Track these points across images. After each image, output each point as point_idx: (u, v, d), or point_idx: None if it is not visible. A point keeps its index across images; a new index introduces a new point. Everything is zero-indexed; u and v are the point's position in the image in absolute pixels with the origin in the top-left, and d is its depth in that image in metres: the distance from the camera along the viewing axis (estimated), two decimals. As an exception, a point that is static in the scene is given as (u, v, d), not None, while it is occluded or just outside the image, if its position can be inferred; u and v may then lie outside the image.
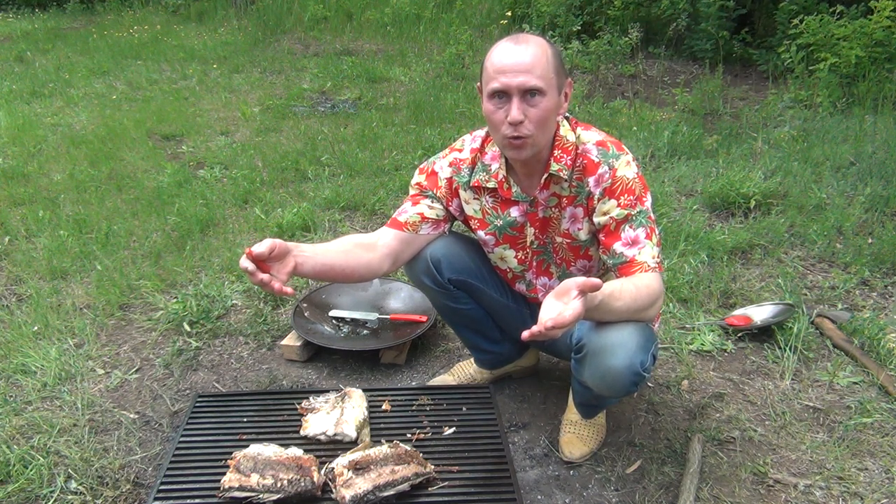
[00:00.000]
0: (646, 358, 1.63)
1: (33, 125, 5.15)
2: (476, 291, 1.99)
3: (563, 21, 7.10)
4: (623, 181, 1.68)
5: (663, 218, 3.39)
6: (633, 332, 1.62)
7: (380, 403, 1.87)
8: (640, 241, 1.67)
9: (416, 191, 1.91)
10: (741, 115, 5.17)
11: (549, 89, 1.60)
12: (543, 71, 1.58)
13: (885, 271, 3.01)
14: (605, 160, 1.69)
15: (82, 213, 3.59)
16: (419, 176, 1.92)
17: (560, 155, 1.73)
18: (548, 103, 1.61)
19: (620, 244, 1.69)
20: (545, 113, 1.61)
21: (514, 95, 1.59)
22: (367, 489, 1.47)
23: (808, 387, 2.29)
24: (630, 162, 1.70)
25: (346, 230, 3.42)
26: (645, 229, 1.68)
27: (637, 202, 1.68)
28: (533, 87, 1.58)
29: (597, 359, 1.65)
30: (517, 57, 1.58)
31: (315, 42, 8.23)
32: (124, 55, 7.77)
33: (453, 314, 2.04)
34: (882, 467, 1.94)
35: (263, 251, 1.47)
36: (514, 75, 1.58)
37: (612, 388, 1.70)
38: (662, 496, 1.84)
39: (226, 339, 2.57)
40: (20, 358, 2.38)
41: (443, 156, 1.90)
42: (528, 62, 1.58)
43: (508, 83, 1.58)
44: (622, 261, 1.69)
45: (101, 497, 1.82)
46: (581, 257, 1.85)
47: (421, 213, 1.87)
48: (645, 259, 1.67)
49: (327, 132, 4.93)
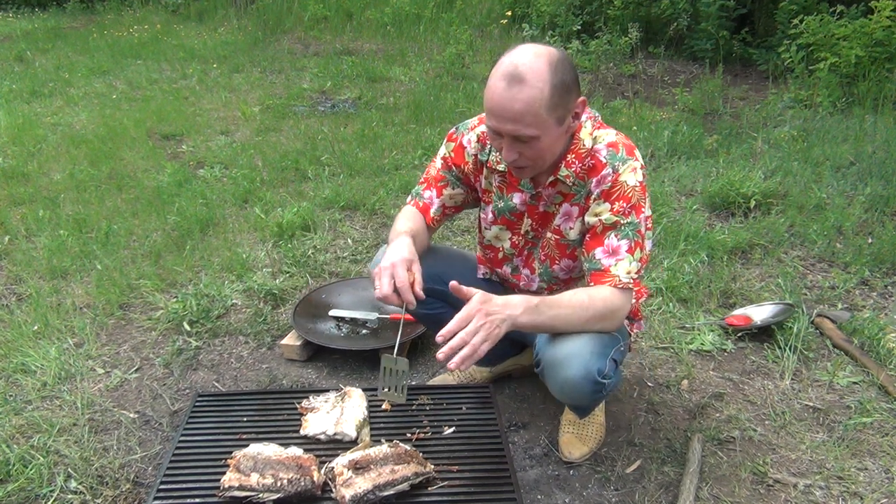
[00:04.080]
0: (603, 364, 1.61)
1: (33, 125, 5.15)
2: (448, 296, 1.98)
3: (562, 21, 7.10)
4: (623, 187, 1.63)
5: (663, 218, 3.39)
6: (587, 340, 1.61)
7: (380, 403, 1.87)
8: (620, 254, 1.63)
9: (443, 167, 1.90)
10: (741, 115, 5.17)
11: (543, 131, 1.54)
12: (535, 118, 1.50)
13: (885, 271, 3.01)
14: (611, 162, 1.65)
15: (82, 212, 3.59)
16: (447, 145, 1.90)
17: (572, 160, 1.69)
18: (543, 143, 1.56)
19: (601, 250, 1.65)
20: (540, 152, 1.58)
21: (505, 137, 1.56)
22: (367, 489, 1.47)
23: (808, 386, 2.29)
24: (637, 169, 1.64)
25: (346, 230, 3.42)
26: (629, 242, 1.63)
27: (631, 212, 1.63)
28: (522, 136, 1.53)
29: (553, 371, 1.64)
30: (508, 102, 1.50)
31: (315, 42, 8.23)
32: (124, 55, 7.77)
33: (429, 319, 2.02)
34: (882, 467, 1.94)
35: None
36: (504, 122, 1.52)
37: (574, 398, 1.72)
38: (662, 496, 1.84)
39: (226, 338, 2.57)
40: (20, 357, 2.38)
41: (472, 126, 1.86)
42: (517, 110, 1.49)
43: (500, 128, 1.55)
44: (597, 267, 1.65)
45: (101, 496, 1.82)
46: (567, 256, 1.82)
47: (443, 206, 1.93)
48: (618, 273, 1.62)
49: (327, 132, 4.93)
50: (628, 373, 2.34)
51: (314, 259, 3.11)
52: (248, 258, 3.10)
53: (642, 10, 7.10)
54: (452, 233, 3.40)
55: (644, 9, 7.10)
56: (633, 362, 2.40)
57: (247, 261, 3.07)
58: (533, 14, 7.43)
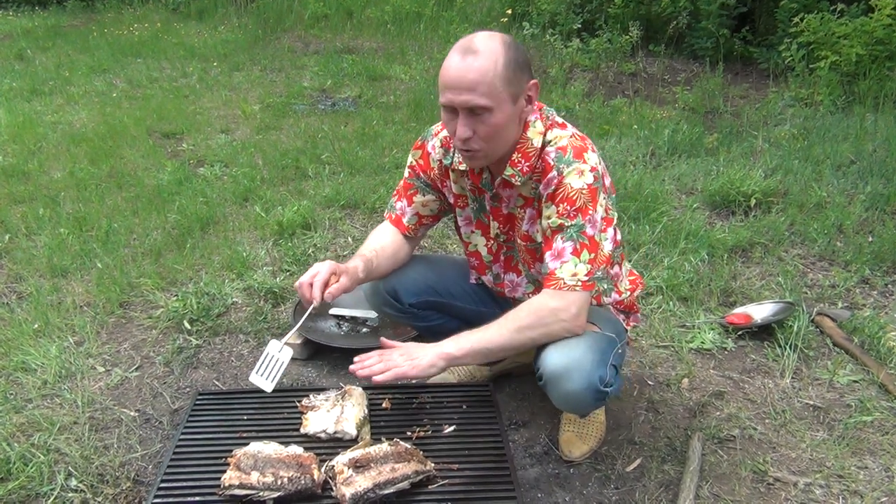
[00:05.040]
0: (604, 372, 1.62)
1: (33, 123, 5.14)
2: (443, 306, 1.99)
3: (563, 19, 7.09)
4: (566, 189, 1.61)
5: (663, 216, 3.39)
6: (585, 350, 1.61)
7: (380, 401, 1.87)
8: (565, 256, 1.62)
9: (410, 175, 1.92)
10: (742, 114, 5.17)
11: (497, 104, 1.54)
12: (489, 87, 1.51)
13: (886, 269, 3.01)
14: (556, 165, 1.63)
15: (82, 210, 3.59)
16: (414, 153, 1.91)
17: (518, 159, 1.68)
18: (496, 118, 1.56)
19: (549, 254, 1.65)
20: (493, 129, 1.57)
21: (460, 111, 1.56)
22: (368, 487, 1.47)
23: (808, 385, 2.29)
24: (584, 171, 1.61)
25: (346, 228, 3.42)
26: (574, 244, 1.61)
27: (576, 214, 1.61)
28: (477, 106, 1.53)
29: (555, 385, 1.65)
30: (461, 72, 1.52)
31: (315, 40, 8.22)
32: (124, 53, 7.76)
33: (429, 331, 2.03)
34: (882, 465, 1.94)
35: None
36: (458, 93, 1.53)
37: (577, 409, 1.76)
38: (662, 494, 1.84)
39: (226, 336, 2.57)
40: (20, 356, 2.38)
41: (435, 132, 1.88)
42: (471, 79, 1.51)
43: (452, 99, 1.55)
44: (545, 271, 1.66)
45: (102, 495, 1.82)
46: (539, 261, 1.79)
47: (417, 214, 1.93)
48: (563, 276, 1.61)
49: (327, 130, 4.93)
50: (628, 371, 2.34)
51: (314, 257, 3.11)
52: (249, 256, 3.10)
53: (643, 9, 7.09)
54: (452, 232, 3.39)
55: (644, 7, 7.08)
56: (633, 361, 2.40)
57: (247, 259, 3.07)
58: (533, 12, 7.41)
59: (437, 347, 1.62)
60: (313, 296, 1.67)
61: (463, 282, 2.04)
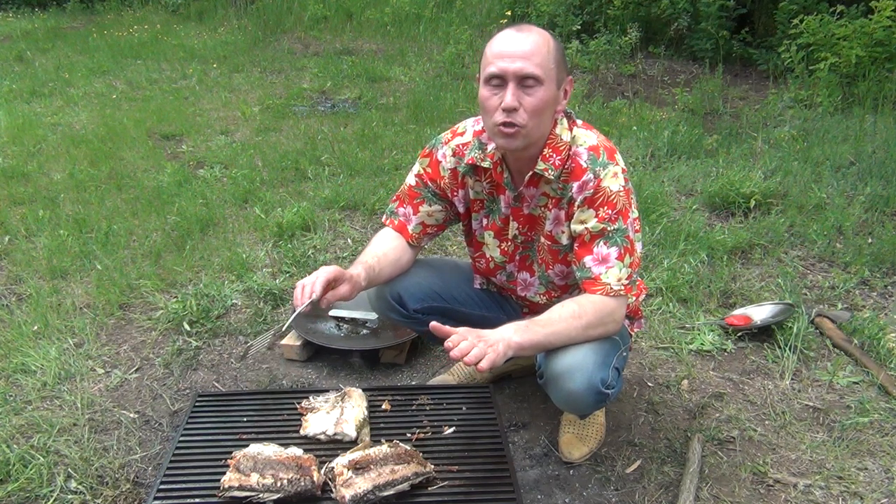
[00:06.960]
0: (606, 374, 1.62)
1: (33, 124, 5.14)
2: (448, 312, 1.98)
3: (562, 20, 7.10)
4: (606, 193, 1.63)
5: (663, 218, 3.39)
6: (588, 351, 1.62)
7: (380, 403, 1.87)
8: (610, 261, 1.63)
9: (417, 184, 1.89)
10: (741, 115, 5.17)
11: (547, 79, 1.56)
12: (543, 60, 1.55)
13: (885, 271, 3.01)
14: (592, 167, 1.64)
15: (82, 212, 3.59)
16: (421, 162, 1.90)
17: (550, 154, 1.68)
18: (544, 94, 1.57)
19: (591, 258, 1.65)
20: (541, 103, 1.57)
21: (510, 81, 1.56)
22: (367, 489, 1.47)
23: (808, 386, 2.29)
24: (618, 174, 1.64)
25: (345, 230, 3.42)
26: (618, 249, 1.63)
27: (617, 217, 1.63)
28: (530, 75, 1.54)
29: (557, 384, 1.65)
30: (517, 43, 1.56)
31: (315, 41, 8.23)
32: (124, 54, 7.77)
33: (434, 336, 2.02)
34: (882, 467, 1.94)
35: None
36: (512, 60, 1.54)
37: (578, 409, 1.76)
38: (662, 496, 1.84)
39: (226, 338, 2.57)
40: (20, 357, 2.38)
41: (445, 140, 1.86)
42: (527, 49, 1.55)
43: (506, 68, 1.55)
44: (588, 276, 1.66)
45: (101, 496, 1.82)
46: (560, 262, 1.81)
47: (423, 223, 1.91)
48: (609, 281, 1.63)
49: (327, 132, 4.93)
50: (628, 373, 2.34)
51: (314, 259, 3.11)
52: (248, 258, 3.10)
53: (642, 10, 7.10)
54: (454, 233, 3.39)
55: (644, 9, 7.10)
56: (633, 362, 2.40)
57: (247, 261, 3.07)
58: (532, 14, 7.43)
59: (505, 335, 1.54)
60: (314, 290, 1.63)
61: (467, 286, 2.04)
